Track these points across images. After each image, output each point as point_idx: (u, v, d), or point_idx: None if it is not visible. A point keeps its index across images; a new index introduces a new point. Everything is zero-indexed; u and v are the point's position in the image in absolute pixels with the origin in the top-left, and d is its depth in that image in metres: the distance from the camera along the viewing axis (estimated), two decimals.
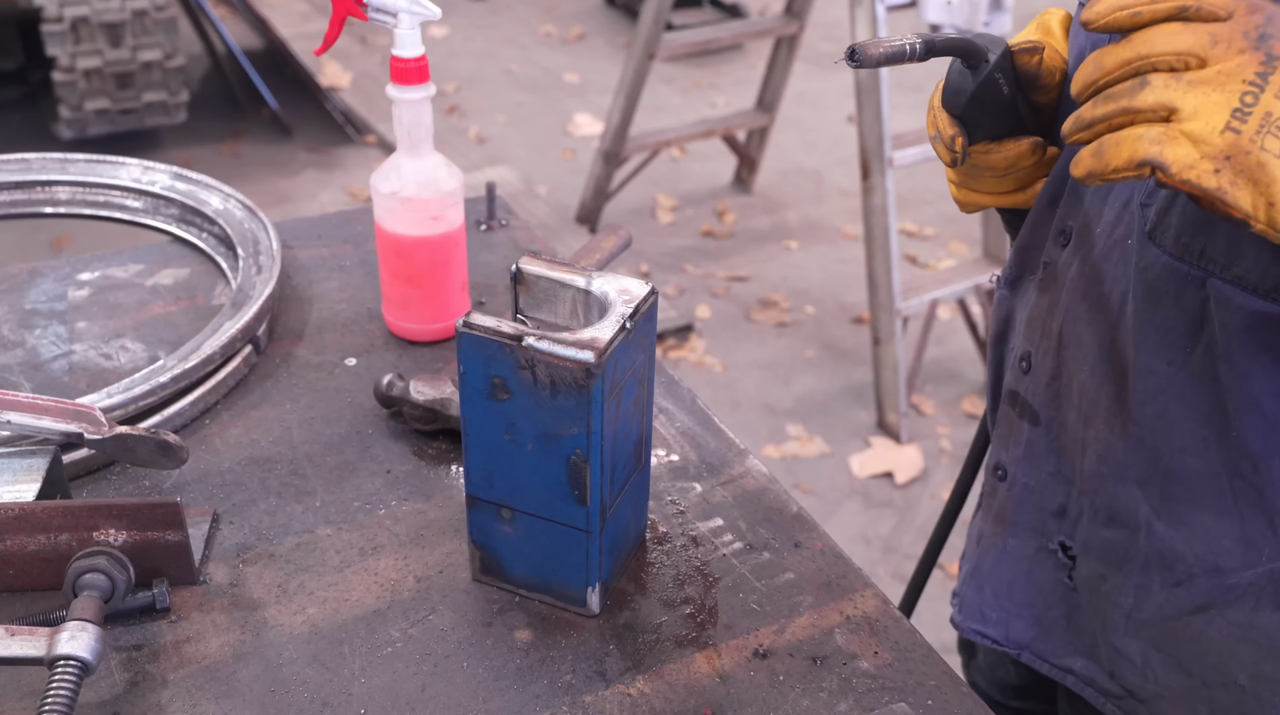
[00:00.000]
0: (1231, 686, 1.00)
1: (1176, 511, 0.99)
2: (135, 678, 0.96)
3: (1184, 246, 0.91)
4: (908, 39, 0.92)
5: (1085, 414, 1.04)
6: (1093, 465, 1.05)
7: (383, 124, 4.84)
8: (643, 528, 1.13)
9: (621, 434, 1.00)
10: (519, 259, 1.02)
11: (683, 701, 0.96)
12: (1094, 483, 1.05)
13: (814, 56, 5.66)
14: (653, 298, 1.00)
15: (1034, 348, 1.09)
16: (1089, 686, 1.12)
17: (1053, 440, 1.09)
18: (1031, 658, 1.17)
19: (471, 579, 1.07)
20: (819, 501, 3.08)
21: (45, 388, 1.30)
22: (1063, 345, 1.05)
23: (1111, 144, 0.76)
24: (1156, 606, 1.03)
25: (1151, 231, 0.93)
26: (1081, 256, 1.02)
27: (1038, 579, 1.15)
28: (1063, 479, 1.10)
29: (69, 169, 1.60)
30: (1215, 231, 0.88)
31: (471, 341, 0.94)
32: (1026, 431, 1.12)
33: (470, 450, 1.00)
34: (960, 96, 1.01)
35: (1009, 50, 1.00)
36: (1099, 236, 1.00)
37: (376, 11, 1.23)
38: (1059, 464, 1.10)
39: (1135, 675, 1.06)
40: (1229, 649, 0.99)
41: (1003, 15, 3.14)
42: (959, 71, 1.00)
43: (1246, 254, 0.87)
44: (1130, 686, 1.07)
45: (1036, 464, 1.12)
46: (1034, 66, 1.01)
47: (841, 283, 4.06)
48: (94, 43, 4.08)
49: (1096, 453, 1.04)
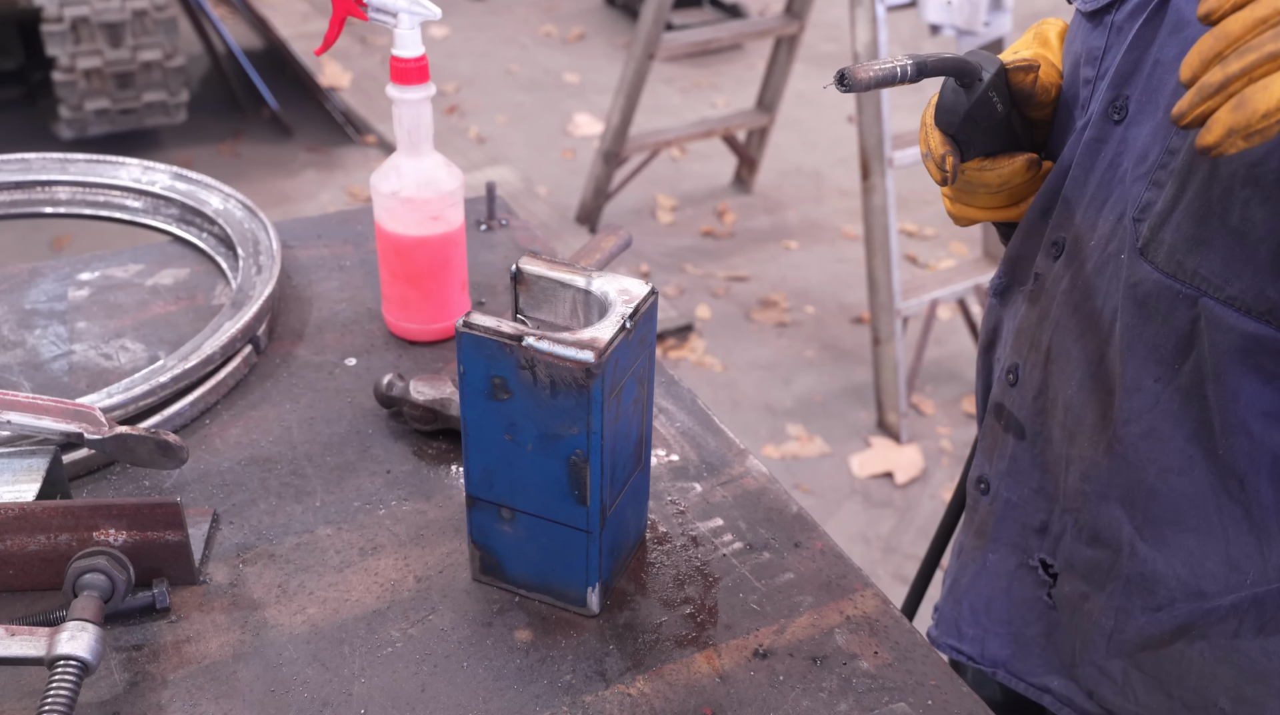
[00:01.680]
0: (1212, 709, 1.00)
1: (1160, 532, 0.98)
2: (135, 678, 0.96)
3: (1177, 264, 0.90)
4: (899, 61, 0.91)
5: (1070, 430, 1.03)
6: (1076, 483, 1.03)
7: (383, 124, 4.84)
8: (643, 528, 1.13)
9: (621, 434, 1.00)
10: (519, 259, 1.02)
11: (683, 701, 0.96)
12: (1077, 501, 1.04)
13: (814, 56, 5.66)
14: (653, 298, 1.00)
15: (1022, 360, 1.07)
16: (1066, 706, 1.10)
17: (1037, 455, 1.08)
18: (1007, 676, 1.15)
19: (472, 579, 1.07)
20: (819, 501, 3.08)
21: (45, 388, 1.30)
22: (1050, 359, 1.04)
23: (1258, 90, 0.71)
24: (1138, 628, 1.02)
25: (1144, 248, 0.92)
26: (1073, 270, 1.01)
27: (1017, 596, 1.13)
28: (1045, 496, 1.08)
29: (69, 169, 1.60)
30: (1210, 251, 0.87)
31: (471, 341, 0.94)
32: (1011, 445, 1.10)
33: (470, 450, 1.00)
34: (954, 115, 0.99)
35: (1003, 68, 0.99)
36: (1092, 250, 0.98)
37: (376, 11, 1.23)
38: (1042, 480, 1.08)
39: (1115, 695, 1.05)
40: (1210, 671, 0.99)
41: (1003, 15, 3.13)
42: (953, 90, 0.99)
43: (1242, 275, 0.86)
44: (1110, 706, 1.06)
45: (1019, 479, 1.10)
46: (1029, 84, 1.00)
47: (841, 283, 4.06)
48: (94, 43, 4.07)
49: (1080, 471, 1.03)
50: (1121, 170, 0.95)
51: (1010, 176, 1.03)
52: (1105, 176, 0.97)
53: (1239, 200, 0.85)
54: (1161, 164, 0.91)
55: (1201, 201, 0.87)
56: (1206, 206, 0.87)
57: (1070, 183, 1.00)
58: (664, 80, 5.45)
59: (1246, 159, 0.83)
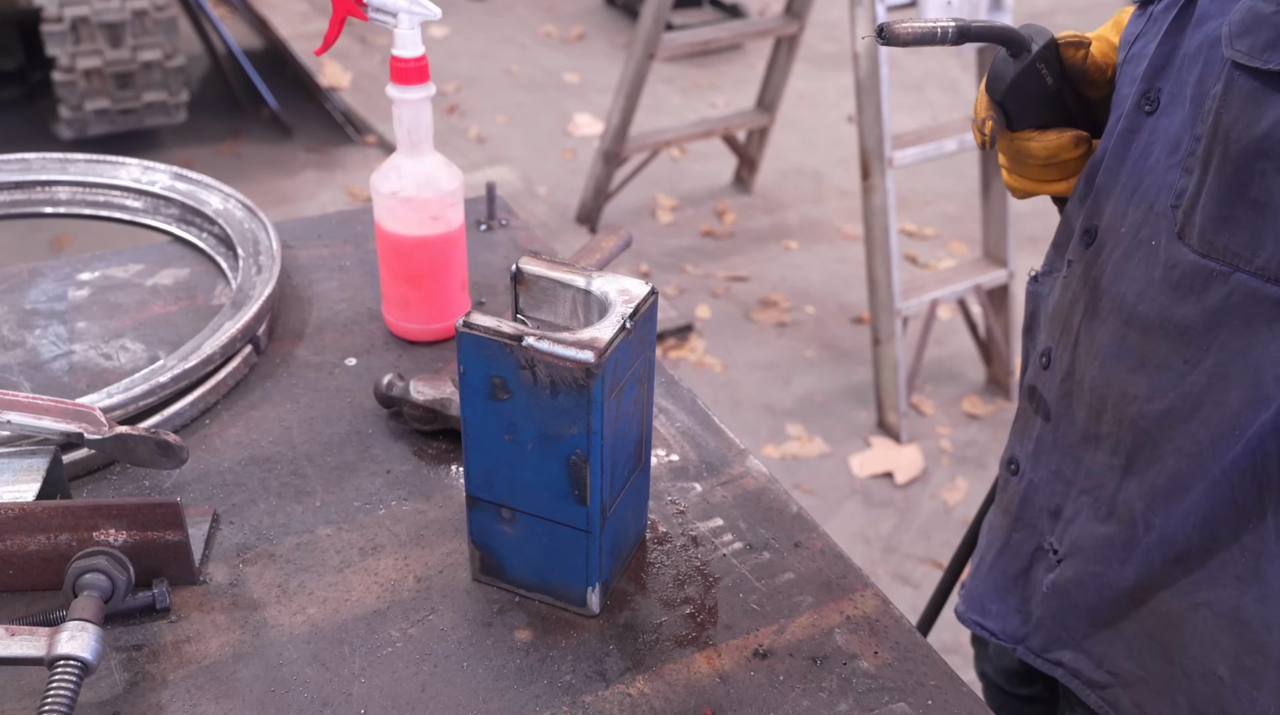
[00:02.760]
0: (1210, 678, 1.02)
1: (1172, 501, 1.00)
2: (135, 678, 0.96)
3: (1209, 244, 0.92)
4: (941, 22, 0.94)
5: (1095, 409, 1.06)
6: (1103, 458, 1.06)
7: (383, 124, 4.84)
8: (643, 527, 1.13)
9: (621, 434, 1.00)
10: (519, 259, 1.02)
11: (683, 701, 0.96)
12: (1102, 477, 1.07)
13: (814, 57, 5.66)
14: (653, 298, 1.00)
15: (1055, 344, 1.11)
16: (1075, 678, 1.14)
17: (1059, 438, 1.11)
18: (1025, 652, 1.19)
19: (471, 579, 1.07)
20: (819, 501, 3.08)
21: (45, 388, 1.30)
22: (1078, 342, 1.07)
23: None
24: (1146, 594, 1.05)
25: (1180, 231, 0.95)
26: (1104, 256, 1.03)
27: (1034, 576, 1.17)
28: (1062, 479, 1.10)
29: (69, 169, 1.60)
30: (1237, 226, 0.90)
31: (472, 341, 0.94)
32: (1039, 427, 1.14)
33: (470, 450, 1.00)
34: (1000, 82, 1.04)
35: (1054, 42, 1.02)
36: (1124, 236, 1.01)
37: (376, 11, 1.23)
38: (1060, 463, 1.11)
39: (1124, 659, 1.08)
40: (1213, 639, 1.01)
41: (1003, 15, 3.13)
42: (1003, 59, 1.03)
43: (1265, 244, 0.89)
44: (1116, 670, 1.10)
45: (1041, 461, 1.13)
46: (1079, 60, 1.03)
47: (841, 283, 4.06)
48: (94, 43, 4.07)
49: (1108, 447, 1.05)
50: (1153, 160, 0.98)
51: (1057, 150, 1.06)
52: (1137, 166, 1.00)
53: (1255, 174, 0.88)
54: (1190, 151, 0.94)
55: (1222, 181, 0.90)
56: (1227, 185, 0.90)
57: (1104, 173, 1.03)
58: (664, 80, 5.45)
59: (1254, 134, 0.86)
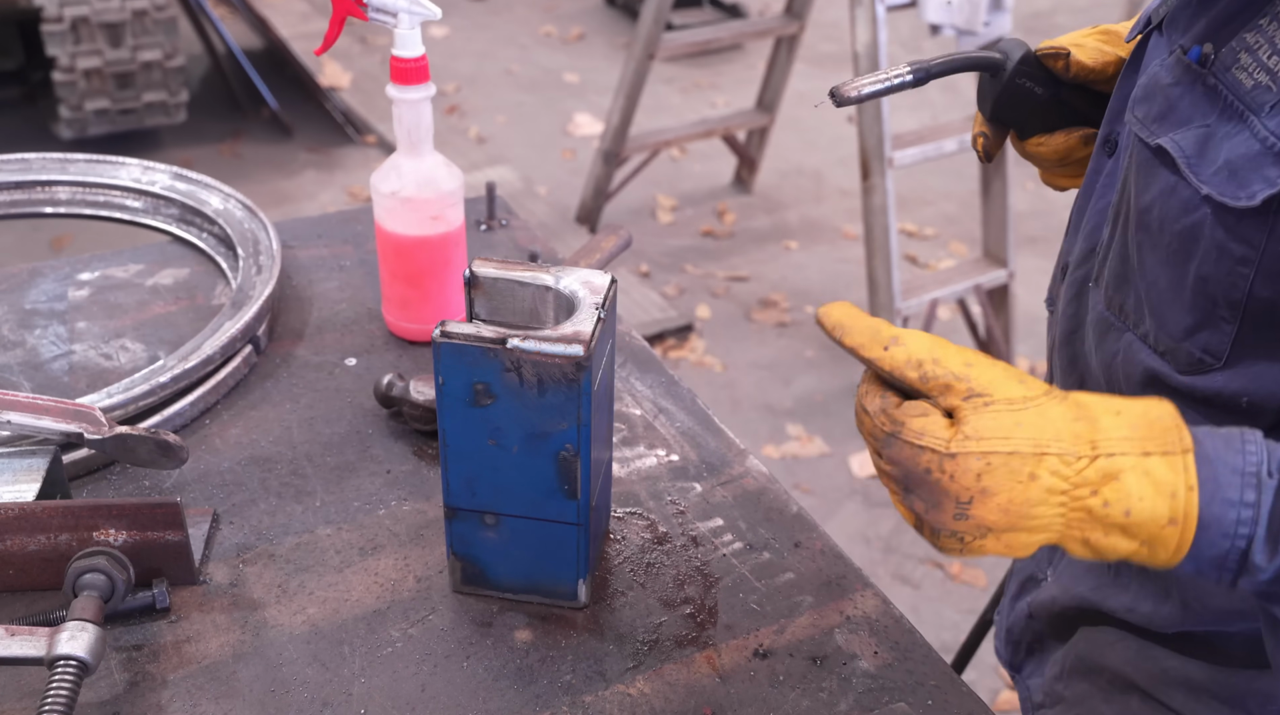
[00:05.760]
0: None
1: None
2: (135, 678, 0.96)
3: (1109, 298, 0.94)
4: (895, 71, 0.99)
5: None
6: None
7: (383, 124, 4.84)
8: (609, 509, 1.15)
9: (601, 421, 1.01)
10: (471, 263, 1.01)
11: (683, 701, 0.96)
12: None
13: (814, 56, 5.66)
14: (614, 286, 1.01)
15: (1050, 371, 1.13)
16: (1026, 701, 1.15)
17: None
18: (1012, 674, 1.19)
19: (452, 590, 1.06)
20: (819, 501, 3.08)
21: (45, 388, 1.30)
22: (1052, 376, 1.09)
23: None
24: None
25: (1095, 280, 0.97)
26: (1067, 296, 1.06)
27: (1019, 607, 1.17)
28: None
29: (69, 169, 1.60)
30: (1130, 288, 0.91)
31: (451, 350, 0.93)
32: None
33: (450, 461, 0.99)
34: (986, 102, 1.07)
35: (1031, 55, 1.03)
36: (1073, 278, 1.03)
37: (376, 11, 1.23)
38: None
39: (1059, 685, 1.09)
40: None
41: (1003, 15, 3.13)
42: (987, 79, 1.07)
43: (1146, 315, 0.90)
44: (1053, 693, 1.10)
45: None
46: (1060, 69, 1.05)
47: (841, 283, 4.06)
48: (94, 43, 4.07)
49: None
50: (1105, 202, 1.00)
51: (1066, 152, 1.08)
52: (1094, 207, 1.01)
53: (1134, 244, 0.90)
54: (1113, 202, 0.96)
55: (1122, 241, 0.92)
56: (1124, 246, 0.92)
57: (1074, 210, 1.06)
58: (664, 80, 5.45)
59: (1141, 204, 0.88)
